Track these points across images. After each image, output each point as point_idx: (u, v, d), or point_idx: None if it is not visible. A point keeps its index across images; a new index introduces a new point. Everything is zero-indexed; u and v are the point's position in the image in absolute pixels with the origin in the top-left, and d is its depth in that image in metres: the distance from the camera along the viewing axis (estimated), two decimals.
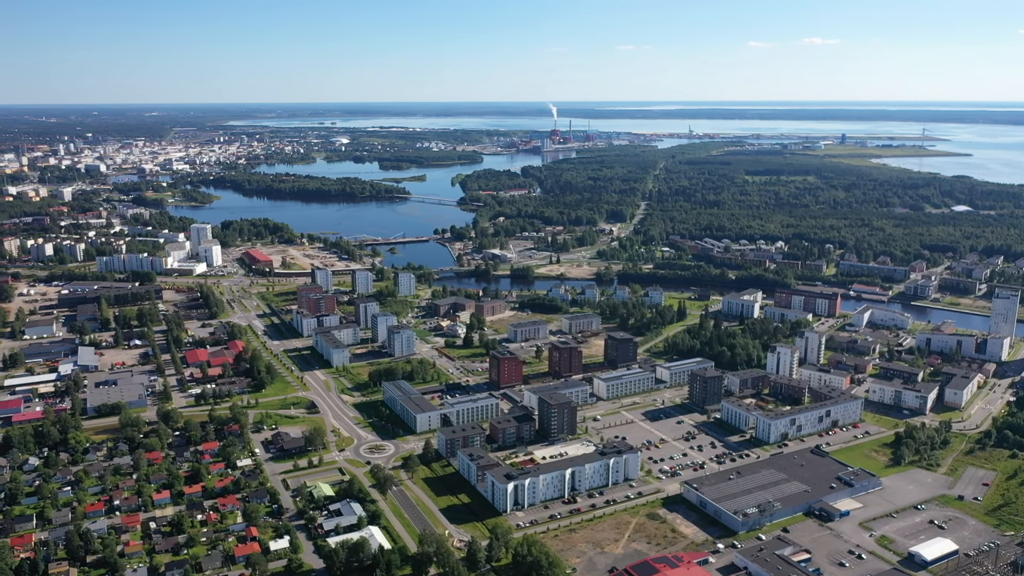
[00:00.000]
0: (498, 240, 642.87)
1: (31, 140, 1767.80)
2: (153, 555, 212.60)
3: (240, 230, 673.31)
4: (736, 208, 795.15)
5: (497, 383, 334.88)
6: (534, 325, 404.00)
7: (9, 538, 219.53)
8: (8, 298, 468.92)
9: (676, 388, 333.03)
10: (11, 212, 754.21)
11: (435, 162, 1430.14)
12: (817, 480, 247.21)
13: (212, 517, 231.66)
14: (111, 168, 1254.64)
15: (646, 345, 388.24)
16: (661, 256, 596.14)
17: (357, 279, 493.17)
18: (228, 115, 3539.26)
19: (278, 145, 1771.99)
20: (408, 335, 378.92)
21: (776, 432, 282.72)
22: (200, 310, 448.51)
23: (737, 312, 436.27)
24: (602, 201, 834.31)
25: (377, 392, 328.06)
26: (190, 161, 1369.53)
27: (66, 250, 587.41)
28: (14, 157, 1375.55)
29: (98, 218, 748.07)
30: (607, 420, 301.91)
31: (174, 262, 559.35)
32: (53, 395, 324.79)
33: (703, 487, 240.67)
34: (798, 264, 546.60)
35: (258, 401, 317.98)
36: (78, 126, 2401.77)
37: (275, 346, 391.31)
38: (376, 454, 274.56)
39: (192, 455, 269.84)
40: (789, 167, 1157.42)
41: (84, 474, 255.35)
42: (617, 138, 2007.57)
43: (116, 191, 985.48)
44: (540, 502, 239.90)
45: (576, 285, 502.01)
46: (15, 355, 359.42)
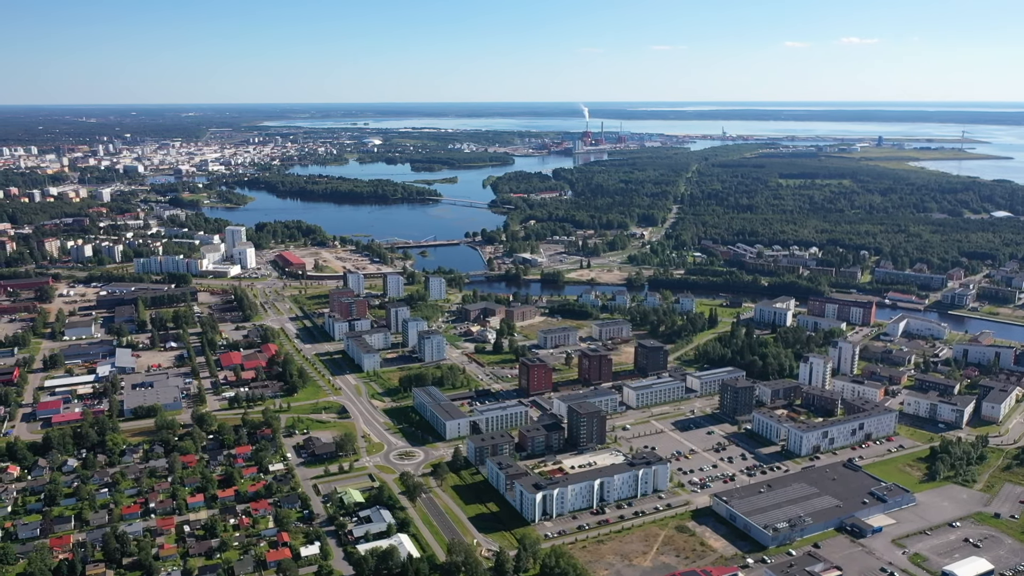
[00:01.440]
0: (529, 244, 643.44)
1: (71, 140, 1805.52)
2: (187, 559, 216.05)
3: (274, 232, 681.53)
4: (769, 212, 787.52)
5: (526, 390, 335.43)
6: (564, 331, 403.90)
7: (48, 539, 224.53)
8: (49, 299, 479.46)
9: (707, 398, 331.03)
10: (52, 213, 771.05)
11: (466, 164, 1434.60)
12: (849, 495, 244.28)
13: (244, 521, 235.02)
14: (148, 169, 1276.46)
15: (676, 353, 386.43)
16: (693, 261, 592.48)
17: (388, 283, 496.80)
18: (263, 115, 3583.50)
19: (311, 146, 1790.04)
20: (438, 340, 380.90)
21: (808, 445, 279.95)
22: (234, 312, 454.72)
23: (769, 320, 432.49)
24: (633, 204, 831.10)
25: (407, 398, 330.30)
26: (225, 162, 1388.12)
27: (105, 251, 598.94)
28: (55, 158, 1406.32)
29: (136, 219, 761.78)
30: (636, 429, 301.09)
31: (209, 264, 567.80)
32: (91, 396, 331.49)
33: (733, 500, 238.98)
34: (832, 271, 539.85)
35: (290, 405, 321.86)
36: (117, 126, 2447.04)
37: (307, 350, 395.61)
38: (406, 460, 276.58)
39: (225, 459, 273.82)
40: (824, 170, 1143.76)
41: (121, 476, 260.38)
42: (649, 140, 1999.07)
43: (153, 192, 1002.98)
44: (568, 512, 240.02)
45: (606, 291, 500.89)
46: (55, 356, 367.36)
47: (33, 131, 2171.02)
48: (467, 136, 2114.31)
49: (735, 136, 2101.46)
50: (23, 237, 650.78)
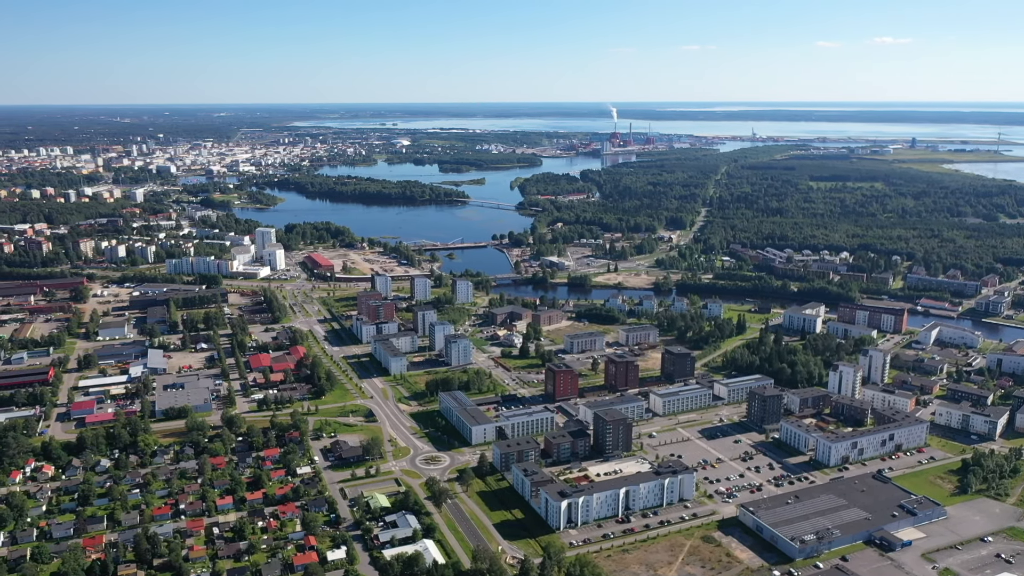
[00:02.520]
0: (556, 247, 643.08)
1: (106, 141, 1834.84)
2: (216, 561, 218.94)
3: (303, 233, 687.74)
4: (799, 216, 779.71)
5: (552, 396, 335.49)
6: (590, 336, 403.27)
7: (81, 539, 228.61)
8: (83, 299, 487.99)
9: (734, 405, 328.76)
10: (87, 213, 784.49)
11: (494, 165, 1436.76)
12: (878, 507, 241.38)
13: (272, 524, 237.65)
14: (181, 169, 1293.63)
15: (704, 359, 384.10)
16: (721, 266, 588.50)
17: (416, 285, 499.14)
18: (293, 116, 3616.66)
19: (340, 146, 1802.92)
20: (465, 344, 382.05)
21: (837, 455, 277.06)
22: (263, 314, 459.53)
23: (799, 327, 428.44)
24: (662, 207, 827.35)
25: (433, 402, 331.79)
26: (256, 162, 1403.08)
27: (138, 252, 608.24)
28: (90, 158, 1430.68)
29: (168, 220, 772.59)
30: (663, 437, 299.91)
31: (239, 265, 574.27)
32: (124, 397, 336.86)
33: (760, 511, 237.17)
34: (863, 277, 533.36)
35: (318, 408, 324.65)
36: (150, 127, 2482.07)
37: (335, 352, 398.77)
38: (432, 465, 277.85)
39: (254, 461, 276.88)
40: (856, 173, 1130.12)
41: (152, 477, 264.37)
42: (678, 141, 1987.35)
43: (185, 192, 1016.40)
44: (593, 520, 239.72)
45: (634, 295, 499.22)
46: (89, 356, 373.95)
47: (69, 131, 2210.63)
48: (495, 137, 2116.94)
49: (765, 137, 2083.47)
50: (59, 237, 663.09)
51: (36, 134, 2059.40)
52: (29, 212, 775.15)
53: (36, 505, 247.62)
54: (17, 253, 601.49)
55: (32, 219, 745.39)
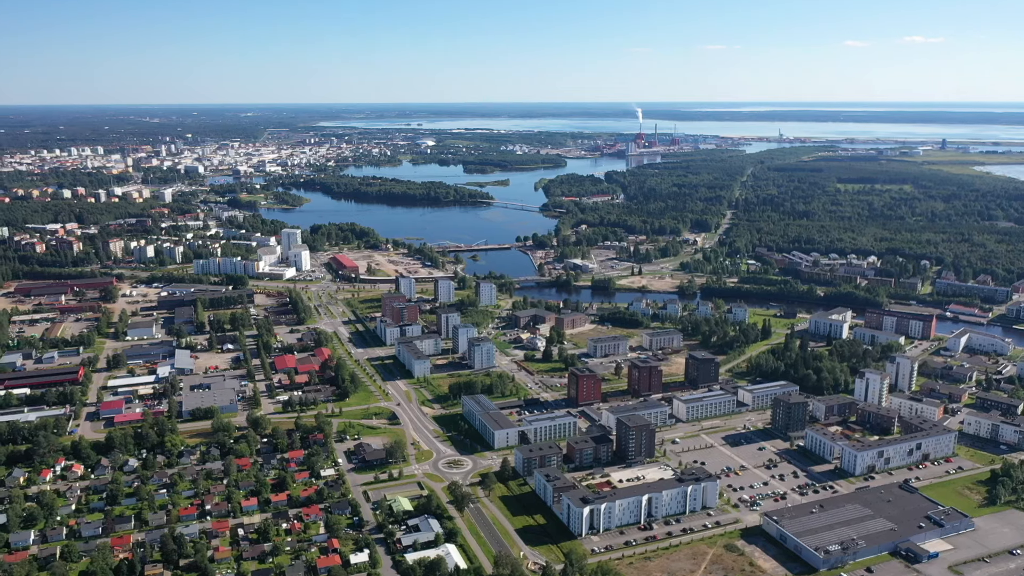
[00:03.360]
0: (580, 249, 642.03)
1: (135, 141, 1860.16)
2: (240, 562, 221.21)
3: (328, 234, 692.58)
4: (826, 219, 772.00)
5: (575, 400, 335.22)
6: (614, 341, 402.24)
7: (110, 538, 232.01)
8: (113, 299, 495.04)
9: (758, 412, 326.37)
10: (117, 213, 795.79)
11: (519, 165, 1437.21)
12: (904, 518, 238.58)
13: (296, 526, 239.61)
14: (208, 169, 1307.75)
15: (728, 365, 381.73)
16: (746, 269, 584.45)
17: (440, 288, 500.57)
18: (319, 116, 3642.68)
19: (366, 147, 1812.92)
20: (488, 348, 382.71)
21: (862, 464, 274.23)
22: (289, 315, 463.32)
23: (825, 332, 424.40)
24: (686, 209, 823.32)
25: (456, 405, 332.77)
26: (282, 163, 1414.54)
27: (166, 252, 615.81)
28: (120, 158, 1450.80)
29: (195, 220, 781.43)
30: (686, 443, 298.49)
31: (265, 266, 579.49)
32: (152, 397, 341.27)
33: (784, 520, 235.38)
34: (891, 281, 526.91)
35: (342, 410, 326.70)
36: (179, 127, 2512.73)
37: (359, 354, 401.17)
38: (454, 469, 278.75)
39: (279, 463, 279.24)
40: (884, 175, 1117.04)
41: (179, 477, 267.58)
42: (704, 141, 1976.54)
43: (213, 192, 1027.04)
44: (616, 527, 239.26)
45: (658, 299, 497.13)
46: (118, 356, 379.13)
47: (100, 131, 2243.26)
48: (519, 137, 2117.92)
49: (792, 138, 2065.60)
50: (89, 237, 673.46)
51: (68, 134, 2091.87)
52: (61, 212, 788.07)
53: (66, 504, 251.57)
54: (49, 253, 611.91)
55: (63, 219, 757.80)
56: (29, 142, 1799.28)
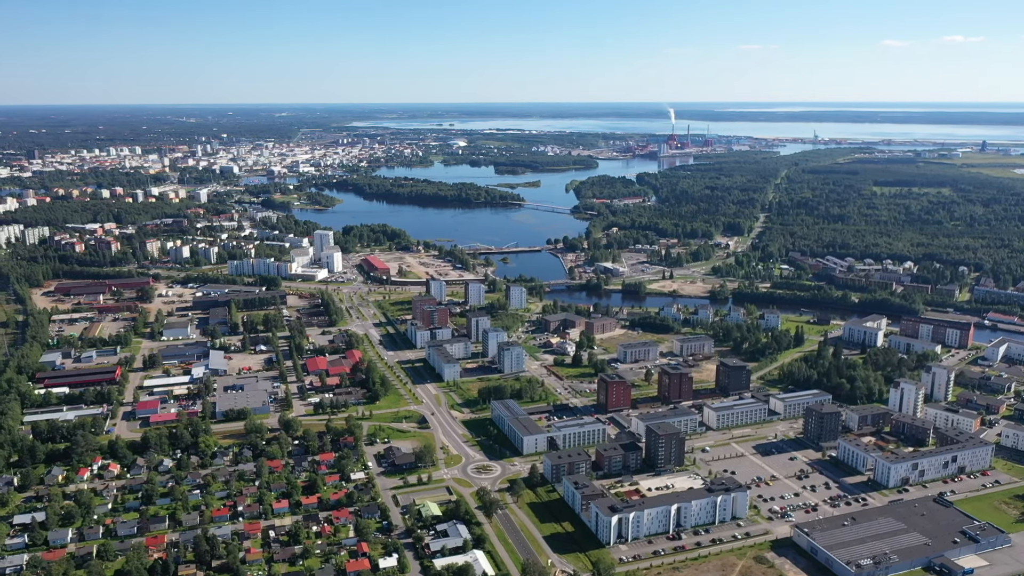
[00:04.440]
0: (610, 252, 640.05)
1: (172, 141, 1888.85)
2: (271, 564, 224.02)
3: (360, 236, 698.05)
4: (862, 223, 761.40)
5: (605, 406, 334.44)
6: (644, 346, 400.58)
7: (144, 537, 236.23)
8: (149, 299, 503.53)
9: (790, 421, 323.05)
10: (154, 213, 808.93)
11: (550, 167, 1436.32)
12: (939, 532, 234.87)
13: (326, 529, 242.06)
14: (243, 169, 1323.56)
15: (760, 372, 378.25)
16: (779, 274, 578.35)
17: (470, 291, 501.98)
18: (352, 116, 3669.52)
19: (398, 147, 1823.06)
20: (518, 352, 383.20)
21: (896, 476, 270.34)
22: (320, 317, 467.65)
23: (859, 340, 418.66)
24: (719, 212, 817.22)
25: (486, 409, 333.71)
26: (315, 163, 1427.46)
27: (201, 253, 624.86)
28: (157, 158, 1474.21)
29: (230, 220, 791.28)
30: (716, 452, 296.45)
31: (298, 267, 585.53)
32: (186, 397, 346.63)
33: (815, 532, 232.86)
34: (928, 288, 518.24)
35: (372, 413, 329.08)
36: (214, 127, 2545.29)
37: (389, 357, 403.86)
38: (483, 474, 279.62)
39: (310, 465, 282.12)
40: (922, 177, 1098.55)
41: (212, 478, 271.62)
42: (737, 143, 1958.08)
43: (247, 193, 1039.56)
44: (644, 536, 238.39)
45: (689, 304, 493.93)
46: (154, 356, 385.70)
47: (138, 131, 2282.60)
48: (551, 138, 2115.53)
49: (827, 139, 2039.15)
50: (127, 237, 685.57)
51: (107, 133, 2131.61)
52: (99, 212, 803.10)
53: (102, 503, 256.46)
54: (88, 252, 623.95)
55: (102, 219, 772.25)
56: (69, 142, 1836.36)
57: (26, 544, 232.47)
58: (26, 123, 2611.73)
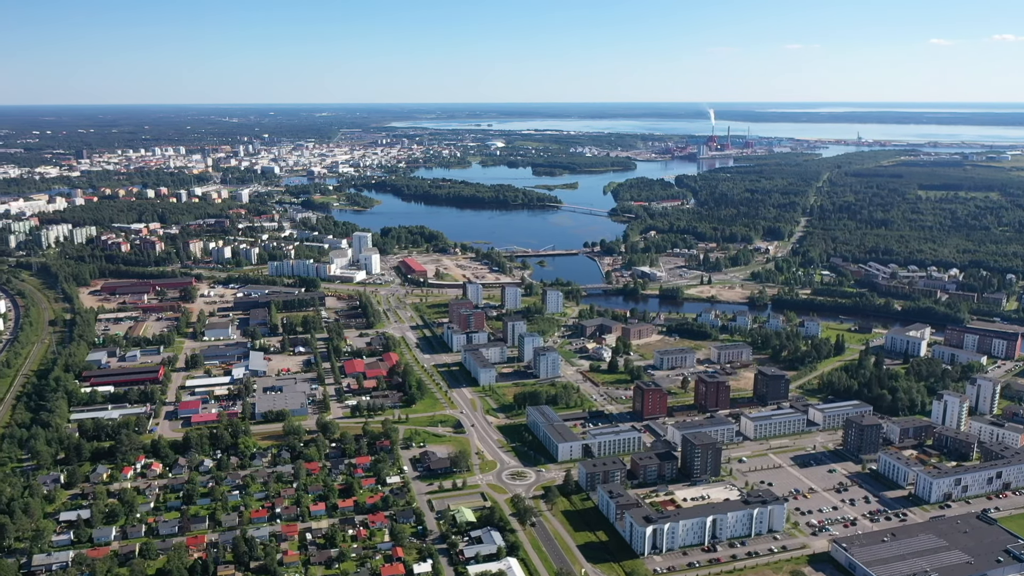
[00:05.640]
0: (648, 256, 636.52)
1: (215, 141, 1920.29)
2: (308, 566, 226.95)
3: (398, 237, 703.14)
4: (906, 228, 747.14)
5: (640, 414, 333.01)
6: (681, 353, 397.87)
7: (185, 537, 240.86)
8: (192, 299, 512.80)
9: (829, 432, 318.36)
10: (197, 213, 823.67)
11: (588, 168, 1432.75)
12: (982, 551, 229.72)
13: (362, 533, 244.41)
14: (284, 170, 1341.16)
15: (799, 381, 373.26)
16: (820, 281, 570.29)
17: (507, 294, 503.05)
18: (391, 116, 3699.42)
19: (436, 148, 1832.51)
20: (554, 357, 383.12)
21: (938, 491, 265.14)
22: (358, 319, 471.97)
23: (901, 349, 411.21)
24: (759, 216, 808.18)
25: (521, 415, 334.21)
26: (354, 164, 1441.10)
27: (242, 253, 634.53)
28: (200, 158, 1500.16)
29: (271, 221, 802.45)
30: (753, 463, 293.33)
31: (337, 269, 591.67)
32: (226, 398, 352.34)
33: (853, 547, 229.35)
34: (974, 296, 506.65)
35: (408, 417, 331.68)
36: (256, 127, 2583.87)
37: (426, 360, 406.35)
38: (517, 481, 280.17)
39: (346, 468, 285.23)
40: (969, 181, 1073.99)
41: (251, 479, 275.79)
42: (778, 144, 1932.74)
43: (288, 193, 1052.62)
44: (679, 548, 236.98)
45: (727, 310, 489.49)
46: (196, 356, 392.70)
47: (182, 131, 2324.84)
48: (589, 139, 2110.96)
49: (871, 141, 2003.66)
50: (170, 237, 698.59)
51: (152, 133, 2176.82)
52: (144, 212, 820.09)
53: (145, 502, 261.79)
54: (133, 252, 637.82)
55: (147, 219, 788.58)
56: (116, 141, 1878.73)
57: (71, 541, 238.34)
58: (76, 123, 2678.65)
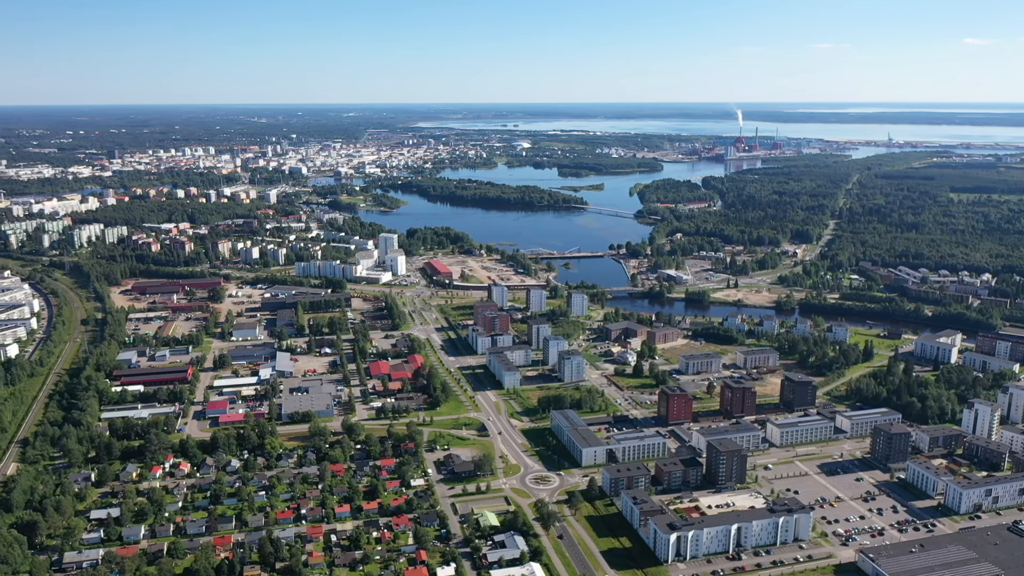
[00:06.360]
0: (674, 259, 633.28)
1: (244, 141, 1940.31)
2: (332, 568, 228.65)
3: (424, 239, 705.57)
4: (937, 232, 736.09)
5: (665, 419, 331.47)
6: (707, 358, 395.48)
7: (212, 537, 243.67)
8: (220, 299, 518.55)
9: (857, 440, 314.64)
10: (225, 213, 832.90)
11: (614, 169, 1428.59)
12: (1013, 563, 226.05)
13: (386, 536, 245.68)
14: (311, 170, 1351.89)
15: (826, 387, 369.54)
16: (849, 285, 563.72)
17: (532, 297, 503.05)
18: (417, 116, 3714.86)
19: (462, 148, 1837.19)
20: (578, 361, 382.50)
21: (968, 502, 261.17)
22: (384, 321, 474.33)
23: (931, 356, 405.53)
24: (787, 219, 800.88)
25: (545, 419, 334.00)
26: (381, 164, 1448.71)
27: (270, 254, 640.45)
28: (229, 158, 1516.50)
29: (298, 222, 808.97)
30: (779, 470, 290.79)
31: (363, 270, 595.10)
32: (253, 398, 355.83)
33: (880, 558, 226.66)
34: (1007, 302, 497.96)
35: (432, 419, 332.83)
36: (284, 127, 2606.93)
37: (450, 362, 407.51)
38: (541, 485, 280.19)
39: (371, 470, 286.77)
40: (1003, 184, 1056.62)
41: (277, 480, 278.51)
42: (807, 145, 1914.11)
43: (315, 193, 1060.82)
44: (703, 555, 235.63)
45: (754, 314, 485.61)
46: (223, 356, 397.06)
47: (211, 131, 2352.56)
48: (615, 140, 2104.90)
49: (902, 143, 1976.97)
50: (200, 237, 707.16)
51: (182, 134, 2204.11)
52: (174, 212, 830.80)
53: (173, 501, 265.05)
54: (163, 252, 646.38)
55: (177, 219, 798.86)
56: (147, 141, 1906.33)
57: (102, 539, 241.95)
58: (108, 123, 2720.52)
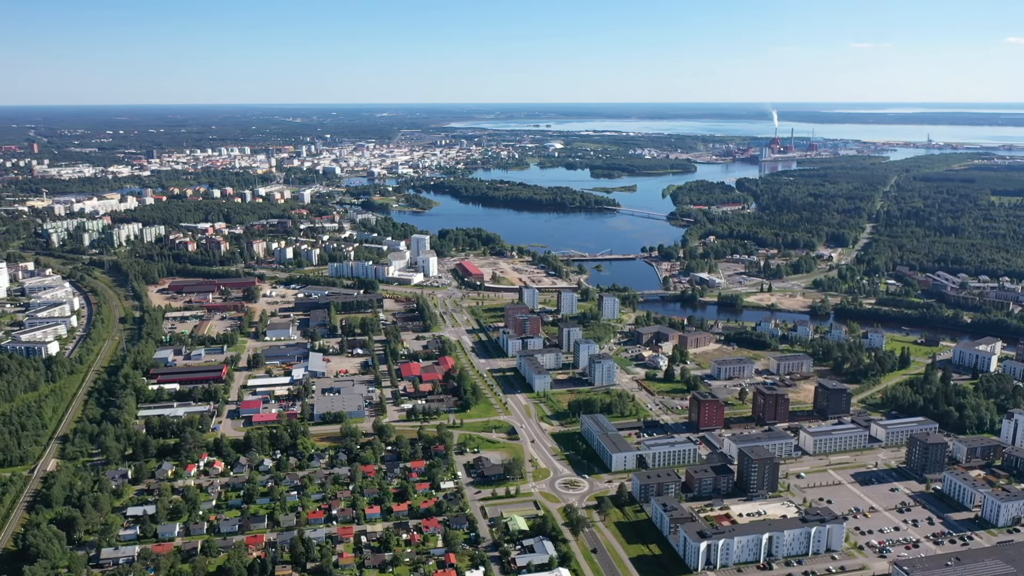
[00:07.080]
0: (707, 262, 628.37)
1: (279, 141, 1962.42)
2: (362, 569, 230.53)
3: (455, 240, 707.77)
4: (977, 236, 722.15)
5: (696, 425, 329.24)
6: (739, 363, 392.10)
7: (245, 536, 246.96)
8: (254, 299, 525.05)
9: (892, 449, 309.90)
10: (260, 213, 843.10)
11: (647, 170, 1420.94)
12: None
13: (416, 538, 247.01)
14: (344, 170, 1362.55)
15: (861, 395, 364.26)
16: (885, 290, 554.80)
17: (563, 299, 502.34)
18: (450, 116, 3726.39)
19: (495, 149, 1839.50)
20: (609, 365, 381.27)
21: (1007, 514, 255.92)
22: (415, 322, 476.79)
23: (970, 364, 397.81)
24: (822, 222, 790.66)
25: (575, 423, 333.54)
26: (414, 164, 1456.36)
27: (303, 254, 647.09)
28: (264, 158, 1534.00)
29: (331, 222, 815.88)
30: (812, 479, 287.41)
31: (395, 271, 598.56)
32: (286, 398, 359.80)
33: (915, 571, 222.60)
34: None
35: (463, 422, 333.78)
36: (319, 127, 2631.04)
37: (481, 364, 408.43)
38: (570, 490, 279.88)
39: (401, 472, 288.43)
40: None
41: (309, 480, 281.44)
42: (844, 147, 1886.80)
43: (348, 194, 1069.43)
44: (733, 564, 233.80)
45: (787, 319, 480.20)
46: (257, 356, 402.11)
47: (247, 131, 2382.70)
48: (648, 141, 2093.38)
49: (942, 144, 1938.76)
50: (235, 237, 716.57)
51: (219, 133, 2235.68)
52: (210, 211, 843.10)
53: (207, 499, 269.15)
54: (199, 252, 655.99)
55: (213, 218, 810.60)
56: (185, 141, 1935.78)
57: (137, 536, 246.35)
58: (147, 123, 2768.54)
